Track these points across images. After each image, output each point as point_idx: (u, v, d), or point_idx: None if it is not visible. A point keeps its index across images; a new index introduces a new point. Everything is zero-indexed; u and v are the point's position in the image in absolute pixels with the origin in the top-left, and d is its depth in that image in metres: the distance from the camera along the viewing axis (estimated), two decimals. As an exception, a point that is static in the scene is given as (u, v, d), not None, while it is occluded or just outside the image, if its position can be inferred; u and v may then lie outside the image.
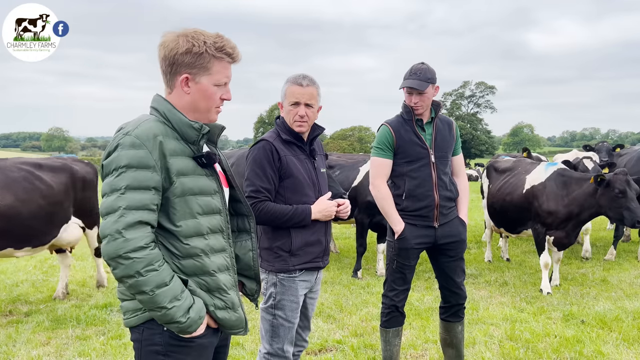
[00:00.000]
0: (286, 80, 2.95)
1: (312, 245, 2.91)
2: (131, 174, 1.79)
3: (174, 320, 1.82)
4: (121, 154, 1.81)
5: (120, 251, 1.74)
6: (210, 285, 1.96)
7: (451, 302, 3.67)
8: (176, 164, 1.88)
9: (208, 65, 1.94)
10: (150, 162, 1.82)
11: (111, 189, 1.79)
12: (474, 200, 16.95)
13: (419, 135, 3.53)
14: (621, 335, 4.53)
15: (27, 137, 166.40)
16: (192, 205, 1.92)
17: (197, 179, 1.94)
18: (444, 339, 3.80)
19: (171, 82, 1.98)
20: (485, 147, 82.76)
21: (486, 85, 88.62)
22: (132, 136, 1.83)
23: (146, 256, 1.77)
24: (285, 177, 2.87)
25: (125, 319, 1.95)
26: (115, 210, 1.77)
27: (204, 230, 1.95)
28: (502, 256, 7.86)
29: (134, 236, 1.76)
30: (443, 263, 3.63)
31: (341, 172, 7.29)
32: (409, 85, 3.45)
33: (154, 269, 1.78)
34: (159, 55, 1.96)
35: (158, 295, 1.78)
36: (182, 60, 1.91)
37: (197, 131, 1.94)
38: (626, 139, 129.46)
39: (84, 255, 8.38)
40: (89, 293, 6.10)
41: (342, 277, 6.76)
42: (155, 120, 1.93)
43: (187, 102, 1.98)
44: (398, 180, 3.58)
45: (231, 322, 2.02)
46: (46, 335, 4.69)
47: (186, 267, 1.91)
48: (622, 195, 5.53)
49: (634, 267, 7.19)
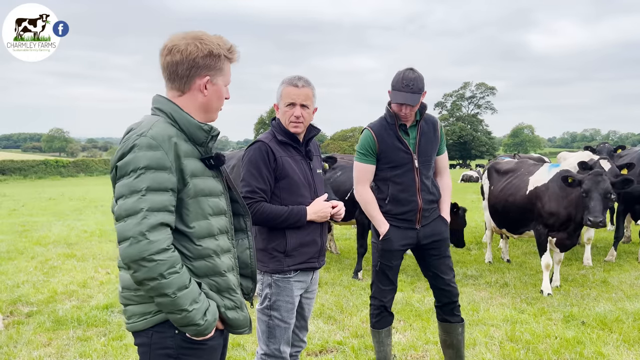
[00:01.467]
0: (281, 82, 2.96)
1: (307, 246, 2.92)
2: (151, 175, 1.78)
3: (193, 323, 1.82)
4: (139, 155, 1.79)
5: (144, 253, 1.72)
6: (221, 285, 1.97)
7: (443, 301, 3.68)
8: (189, 166, 1.89)
9: (223, 67, 2.00)
10: (167, 164, 1.82)
11: (130, 191, 1.77)
12: (474, 201, 16.96)
13: (403, 140, 3.49)
14: (622, 337, 4.52)
15: (28, 138, 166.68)
16: (203, 206, 1.93)
17: (206, 180, 1.96)
18: (443, 341, 3.80)
19: (187, 85, 1.97)
20: (486, 148, 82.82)
21: (486, 86, 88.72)
22: (149, 137, 1.81)
23: (169, 258, 1.76)
24: (281, 178, 2.87)
25: (130, 323, 1.92)
26: (138, 212, 1.75)
27: (215, 231, 1.96)
28: (502, 257, 7.86)
29: (157, 238, 1.74)
30: (429, 262, 3.65)
31: (343, 173, 7.29)
32: (402, 102, 3.36)
33: (175, 272, 1.77)
34: (170, 59, 1.93)
35: (180, 297, 1.77)
36: (204, 63, 1.94)
37: (206, 133, 1.95)
38: (626, 139, 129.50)
39: (84, 256, 8.40)
40: (90, 294, 6.10)
41: (343, 278, 6.76)
42: (164, 121, 1.92)
43: (201, 104, 1.99)
44: (381, 185, 3.59)
45: (239, 321, 2.04)
46: (47, 336, 4.70)
47: (198, 268, 1.91)
48: (586, 195, 5.59)
49: (634, 268, 7.19)
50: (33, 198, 22.22)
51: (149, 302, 1.87)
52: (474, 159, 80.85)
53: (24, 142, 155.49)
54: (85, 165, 55.82)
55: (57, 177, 50.24)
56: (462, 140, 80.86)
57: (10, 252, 8.73)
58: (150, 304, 1.87)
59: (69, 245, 9.52)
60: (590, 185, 5.58)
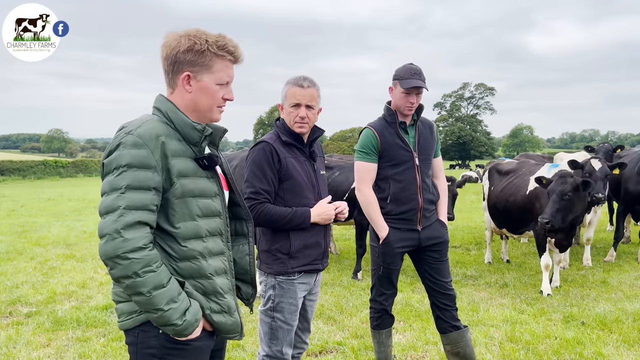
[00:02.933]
0: (286, 82, 2.94)
1: (311, 248, 2.90)
2: (132, 173, 1.78)
3: (170, 323, 1.81)
4: (123, 152, 1.79)
5: (118, 251, 1.72)
6: (207, 288, 1.95)
7: (444, 306, 3.59)
8: (177, 165, 1.87)
9: (210, 64, 1.94)
10: (151, 162, 1.81)
11: (111, 188, 1.78)
12: (473, 202, 16.97)
13: (403, 138, 3.51)
14: (621, 337, 4.52)
15: (27, 139, 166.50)
16: (191, 207, 1.91)
17: (197, 181, 1.93)
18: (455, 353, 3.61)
19: (173, 81, 1.97)
20: (485, 149, 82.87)
21: (486, 86, 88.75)
22: (135, 135, 1.81)
23: (144, 257, 1.75)
24: (285, 179, 2.85)
25: (120, 322, 1.92)
26: (115, 210, 1.75)
27: (203, 232, 1.94)
28: (502, 258, 7.86)
29: (133, 236, 1.74)
30: (431, 265, 3.60)
31: (341, 173, 7.29)
32: (416, 85, 3.40)
33: (151, 270, 1.76)
34: (161, 55, 1.96)
35: (155, 296, 1.76)
36: (184, 58, 1.91)
37: (199, 132, 1.93)
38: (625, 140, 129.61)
39: (83, 256, 8.39)
40: (89, 295, 6.09)
41: (342, 279, 6.75)
42: (158, 120, 1.92)
43: (188, 101, 1.97)
44: (382, 184, 3.57)
45: (227, 326, 2.01)
46: (46, 337, 4.69)
47: (183, 269, 1.90)
48: (548, 196, 5.68)
49: (633, 268, 7.19)
50: (32, 199, 22.19)
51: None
52: (473, 159, 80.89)
53: (23, 143, 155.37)
54: (84, 166, 55.74)
55: (56, 177, 50.19)
56: (461, 140, 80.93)
57: (10, 253, 8.72)
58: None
59: (68, 246, 9.51)
60: (551, 186, 5.67)
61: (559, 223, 5.54)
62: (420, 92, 3.45)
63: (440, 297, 3.61)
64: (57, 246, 9.44)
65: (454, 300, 3.63)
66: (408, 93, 3.43)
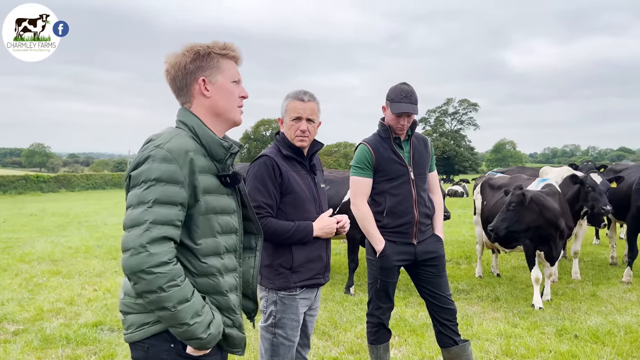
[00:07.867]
0: (286, 96, 2.96)
1: (313, 262, 2.89)
2: (160, 188, 1.77)
3: (195, 337, 1.80)
4: (152, 166, 1.79)
5: (143, 265, 1.71)
6: (222, 304, 1.94)
7: (446, 320, 3.59)
8: (203, 182, 1.88)
9: (218, 64, 1.99)
10: (180, 178, 1.80)
11: (138, 202, 1.77)
12: (460, 215, 17.07)
13: (398, 153, 3.56)
14: (615, 350, 4.56)
15: (8, 153, 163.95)
16: (213, 224, 1.91)
17: (219, 198, 1.94)
18: None
19: (188, 95, 1.98)
20: (469, 164, 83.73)
21: (469, 102, 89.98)
22: (165, 150, 1.81)
23: (169, 271, 1.74)
24: (287, 193, 2.85)
25: (127, 334, 1.89)
26: (141, 224, 1.74)
27: (222, 249, 1.94)
28: (492, 272, 7.90)
29: (158, 251, 1.73)
30: (429, 280, 3.61)
31: (331, 188, 7.28)
32: (406, 111, 3.45)
33: (176, 285, 1.75)
34: (169, 78, 1.99)
35: (180, 311, 1.76)
36: (194, 67, 1.95)
37: (225, 150, 1.95)
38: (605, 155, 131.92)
39: (70, 272, 8.23)
40: (77, 311, 5.97)
41: (335, 294, 6.72)
42: (186, 135, 1.91)
43: (208, 107, 1.98)
44: (378, 198, 3.60)
45: (236, 340, 2.01)
46: (36, 355, 4.58)
47: (200, 285, 1.89)
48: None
49: (622, 281, 7.27)
50: (14, 214, 21.76)
51: (148, 312, 1.84)
52: (457, 174, 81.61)
53: (3, 157, 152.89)
54: (66, 181, 54.89)
55: (37, 192, 49.31)
56: (445, 155, 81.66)
57: (-7, 269, 8.52)
58: (149, 314, 1.84)
59: (53, 261, 9.33)
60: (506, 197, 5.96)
61: (503, 232, 5.75)
62: (410, 115, 3.50)
63: (441, 312, 3.61)
64: (42, 262, 9.26)
65: (455, 314, 3.63)
66: (399, 115, 3.48)
